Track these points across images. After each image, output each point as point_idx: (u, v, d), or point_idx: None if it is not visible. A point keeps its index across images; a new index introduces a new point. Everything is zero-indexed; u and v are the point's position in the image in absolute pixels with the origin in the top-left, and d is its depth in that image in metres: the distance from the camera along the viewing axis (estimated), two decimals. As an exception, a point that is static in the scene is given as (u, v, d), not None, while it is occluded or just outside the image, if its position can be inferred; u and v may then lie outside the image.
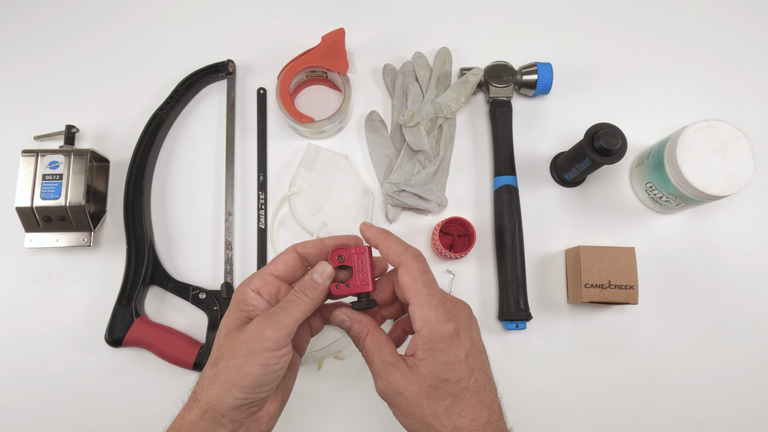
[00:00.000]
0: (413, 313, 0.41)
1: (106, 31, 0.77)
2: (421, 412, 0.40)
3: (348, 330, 0.45)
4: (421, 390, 0.40)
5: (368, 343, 0.44)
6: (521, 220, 0.68)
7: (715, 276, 0.69)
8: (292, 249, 0.45)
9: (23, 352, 0.66)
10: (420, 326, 0.41)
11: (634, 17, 0.78)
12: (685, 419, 0.65)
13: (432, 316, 0.40)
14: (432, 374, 0.40)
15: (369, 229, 0.45)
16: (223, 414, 0.40)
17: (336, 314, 0.45)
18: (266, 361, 0.39)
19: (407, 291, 0.42)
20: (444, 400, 0.40)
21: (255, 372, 0.39)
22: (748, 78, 0.75)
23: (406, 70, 0.72)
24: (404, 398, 0.41)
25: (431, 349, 0.40)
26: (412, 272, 0.42)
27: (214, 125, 0.73)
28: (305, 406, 0.64)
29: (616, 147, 0.60)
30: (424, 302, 0.41)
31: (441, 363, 0.40)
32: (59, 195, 0.64)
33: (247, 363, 0.39)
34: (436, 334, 0.40)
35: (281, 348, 0.40)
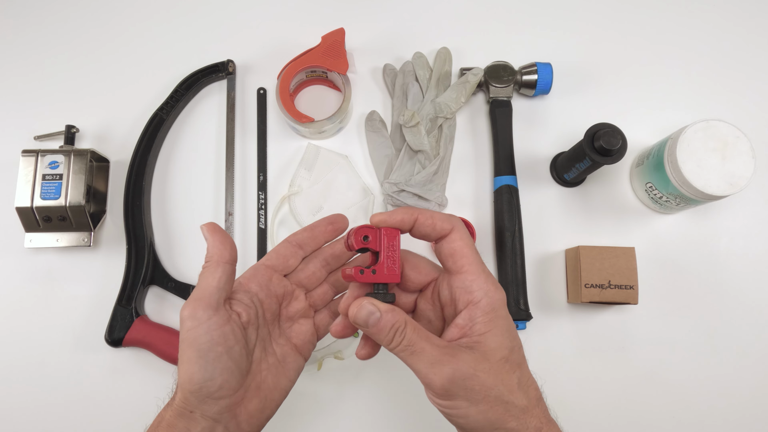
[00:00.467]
0: (470, 282, 0.37)
1: (106, 31, 0.77)
2: (498, 391, 0.36)
3: (376, 324, 0.37)
4: (494, 366, 0.36)
5: (410, 332, 0.37)
6: (521, 220, 0.68)
7: (715, 276, 0.69)
8: (284, 240, 0.45)
9: (23, 352, 0.66)
10: (480, 295, 0.37)
11: (634, 17, 0.78)
12: (685, 419, 0.65)
13: (491, 284, 0.38)
14: (502, 345, 0.37)
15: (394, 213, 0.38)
16: (191, 409, 0.38)
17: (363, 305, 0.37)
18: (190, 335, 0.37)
19: (463, 257, 0.38)
20: (515, 372, 0.37)
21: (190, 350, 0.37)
22: (748, 78, 0.75)
23: (406, 70, 0.72)
24: (478, 380, 0.35)
25: (495, 318, 0.37)
26: (466, 238, 0.38)
27: (214, 125, 0.73)
28: (305, 406, 0.64)
29: (616, 147, 0.60)
30: (481, 270, 0.38)
31: (506, 330, 0.37)
32: (59, 195, 0.64)
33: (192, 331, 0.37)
34: (497, 301, 0.37)
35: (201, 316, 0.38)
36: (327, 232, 0.45)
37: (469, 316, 0.37)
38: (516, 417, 0.36)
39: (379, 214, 0.38)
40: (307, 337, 0.45)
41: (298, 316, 0.46)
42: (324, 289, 0.47)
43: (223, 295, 0.39)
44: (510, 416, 0.36)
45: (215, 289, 0.39)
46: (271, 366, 0.43)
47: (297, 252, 0.45)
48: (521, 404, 0.36)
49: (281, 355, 0.44)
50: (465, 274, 0.38)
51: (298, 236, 0.45)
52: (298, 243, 0.45)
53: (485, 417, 0.36)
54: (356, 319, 0.37)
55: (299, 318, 0.46)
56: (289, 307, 0.45)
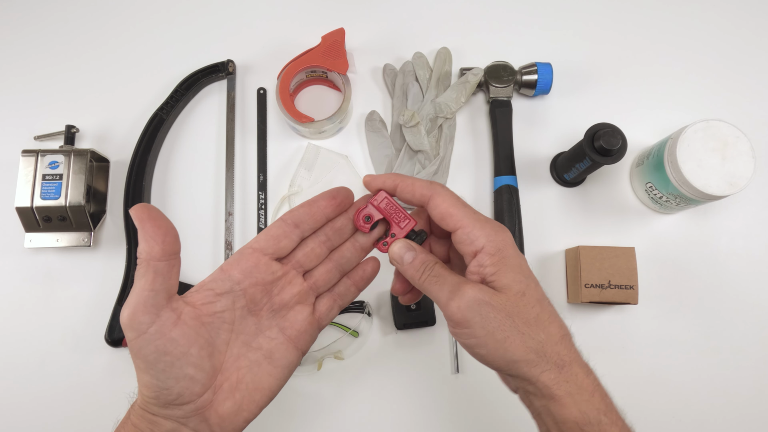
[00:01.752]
0: (467, 234, 0.38)
1: (106, 31, 0.77)
2: (512, 321, 0.36)
3: (411, 262, 0.40)
4: (509, 299, 0.37)
5: (439, 266, 0.40)
6: (521, 220, 0.68)
7: (715, 276, 0.69)
8: (277, 219, 0.40)
9: (23, 352, 0.66)
10: (482, 242, 0.37)
11: (634, 17, 0.78)
12: (685, 419, 0.65)
13: (489, 229, 0.38)
14: (514, 280, 0.37)
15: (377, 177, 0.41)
16: (153, 412, 0.36)
17: (399, 246, 0.41)
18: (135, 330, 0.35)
19: (451, 217, 0.38)
20: (533, 307, 0.37)
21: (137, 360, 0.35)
22: (748, 78, 0.75)
23: (406, 70, 0.72)
24: (492, 308, 0.36)
25: (503, 258, 0.37)
26: (448, 198, 0.39)
27: (214, 125, 0.73)
28: (305, 406, 0.64)
29: (616, 147, 0.60)
30: (475, 220, 0.38)
31: (517, 268, 0.38)
32: (59, 195, 0.64)
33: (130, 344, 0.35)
34: (501, 243, 0.38)
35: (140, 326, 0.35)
36: (328, 208, 0.41)
37: (477, 263, 0.38)
38: (534, 349, 0.36)
39: (368, 176, 0.42)
40: (304, 327, 0.41)
41: (293, 303, 0.41)
42: (327, 268, 0.43)
43: (161, 296, 0.35)
44: (527, 348, 0.36)
45: (149, 291, 0.35)
46: (253, 363, 0.39)
47: (292, 232, 0.40)
48: (539, 337, 0.37)
49: (269, 350, 0.39)
50: (461, 230, 0.38)
51: (294, 213, 0.40)
52: (294, 221, 0.40)
53: (503, 347, 0.36)
54: (395, 255, 0.41)
55: (295, 305, 0.41)
56: (282, 294, 0.41)
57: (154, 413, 0.36)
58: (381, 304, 0.67)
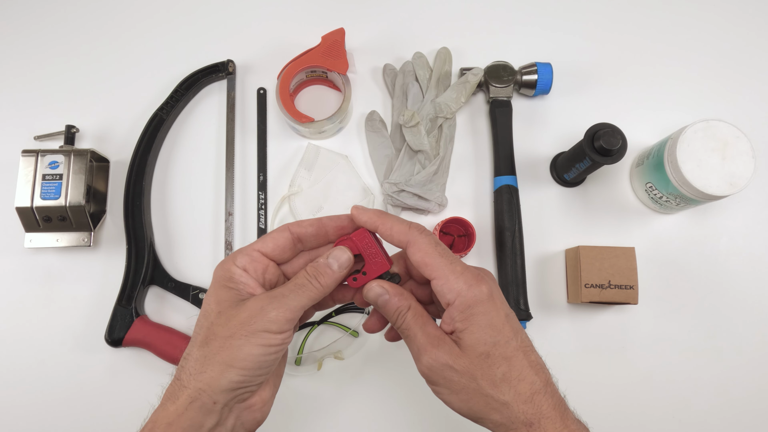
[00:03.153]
0: (439, 287, 0.38)
1: (106, 31, 0.77)
2: (477, 384, 0.37)
3: (385, 305, 0.40)
4: (472, 361, 0.37)
5: (410, 318, 0.40)
6: (521, 220, 0.68)
7: (715, 276, 0.69)
8: (285, 228, 0.41)
9: (23, 352, 0.66)
10: (452, 297, 0.38)
11: (634, 17, 0.78)
12: (685, 419, 0.65)
13: (462, 283, 0.37)
14: (479, 341, 0.37)
15: (363, 213, 0.41)
16: (215, 400, 0.36)
17: (372, 287, 0.41)
18: (268, 342, 0.36)
19: (425, 267, 0.38)
20: (500, 367, 0.37)
21: (256, 352, 0.36)
22: (748, 78, 0.75)
23: (406, 70, 0.72)
24: (455, 372, 0.37)
25: (471, 316, 0.37)
26: (423, 248, 0.39)
27: (214, 125, 0.73)
28: (305, 406, 0.64)
29: (616, 147, 0.60)
30: (448, 272, 0.38)
31: (485, 326, 0.37)
32: (59, 195, 0.64)
33: (247, 343, 0.36)
34: (471, 299, 0.37)
35: (284, 332, 0.37)
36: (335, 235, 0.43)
37: (449, 315, 0.38)
38: (498, 410, 0.37)
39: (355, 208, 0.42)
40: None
41: None
42: None
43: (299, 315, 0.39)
44: (491, 409, 0.37)
45: (303, 308, 0.38)
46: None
47: (295, 246, 0.42)
48: (504, 399, 0.37)
49: None
50: (435, 281, 0.38)
51: (302, 229, 0.41)
52: (299, 236, 0.41)
53: (467, 405, 0.38)
54: (367, 297, 0.41)
55: None
56: None
57: (215, 400, 0.37)
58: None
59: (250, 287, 0.39)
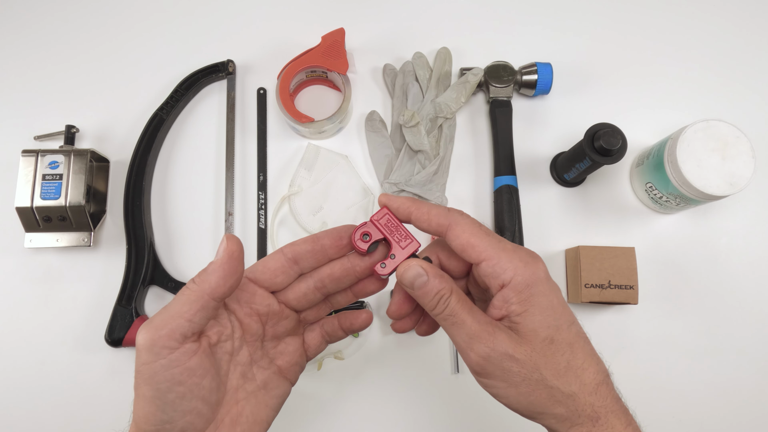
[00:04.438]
0: (490, 269, 0.34)
1: (105, 31, 0.77)
2: (540, 374, 0.33)
3: (423, 287, 0.35)
4: (535, 348, 0.33)
5: (455, 302, 0.35)
6: (521, 220, 0.68)
7: (715, 276, 0.69)
8: (278, 250, 0.38)
9: (23, 352, 0.66)
10: (508, 276, 0.34)
11: (634, 17, 0.78)
12: (685, 419, 0.65)
13: (518, 261, 0.34)
14: (542, 324, 0.33)
15: (393, 200, 0.37)
16: None
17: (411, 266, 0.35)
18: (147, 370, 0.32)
19: (472, 250, 0.35)
20: (564, 354, 0.34)
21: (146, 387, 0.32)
22: (748, 78, 0.75)
23: (406, 70, 0.72)
24: (516, 362, 0.33)
25: (531, 296, 0.34)
26: (468, 228, 0.35)
27: (214, 125, 0.73)
28: (305, 406, 0.64)
29: (616, 147, 0.60)
30: (499, 250, 0.34)
31: (546, 308, 0.34)
32: (59, 195, 0.64)
33: (136, 380, 0.32)
34: (530, 278, 0.34)
35: (161, 350, 0.32)
36: (332, 249, 0.38)
37: (503, 298, 0.35)
38: (563, 403, 0.33)
39: (384, 195, 0.38)
40: (294, 359, 0.40)
41: (285, 335, 0.40)
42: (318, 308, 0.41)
43: (193, 330, 0.33)
44: (555, 402, 0.33)
45: (187, 322, 0.32)
46: (250, 394, 0.37)
47: (291, 268, 0.38)
48: (569, 390, 0.33)
49: (262, 381, 0.38)
50: (485, 262, 0.35)
51: (296, 248, 0.37)
52: (294, 257, 0.37)
53: (527, 400, 0.34)
54: (403, 279, 0.36)
55: (286, 336, 0.40)
56: (278, 326, 0.39)
57: None
58: (381, 304, 0.67)
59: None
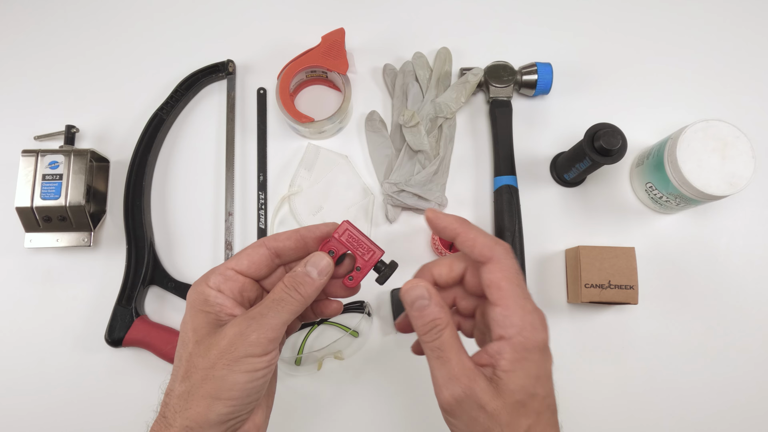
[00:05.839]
0: (503, 318, 0.35)
1: (105, 30, 0.77)
2: (500, 430, 0.34)
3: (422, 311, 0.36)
4: (506, 406, 0.34)
5: (447, 336, 0.35)
6: (521, 220, 0.68)
7: (715, 276, 0.69)
8: (260, 243, 0.39)
9: (23, 352, 0.66)
10: (512, 333, 0.35)
11: (634, 17, 0.78)
12: (685, 419, 0.65)
13: (528, 323, 0.35)
14: (522, 389, 0.34)
15: (443, 218, 0.37)
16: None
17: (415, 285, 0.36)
18: (253, 368, 0.35)
19: (498, 291, 0.35)
20: (528, 419, 0.35)
21: (242, 380, 0.34)
22: (748, 78, 0.75)
23: (406, 70, 0.72)
24: (483, 413, 0.34)
25: (523, 360, 0.35)
26: (506, 270, 0.35)
27: (214, 125, 0.73)
28: (305, 406, 0.64)
29: (616, 147, 0.60)
30: (518, 306, 0.35)
31: (532, 376, 0.35)
32: (59, 195, 0.64)
33: (231, 372, 0.34)
34: (531, 344, 0.35)
35: (269, 353, 0.35)
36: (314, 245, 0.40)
37: (497, 349, 0.35)
38: None
39: (431, 211, 0.38)
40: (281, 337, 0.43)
41: None
42: None
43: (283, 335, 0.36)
44: None
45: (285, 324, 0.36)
46: None
47: (273, 261, 0.40)
48: None
49: None
50: (500, 308, 0.35)
51: (279, 243, 0.39)
52: (277, 251, 0.39)
53: None
54: (405, 297, 0.37)
55: None
56: None
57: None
58: (381, 304, 0.67)
59: (227, 308, 0.37)
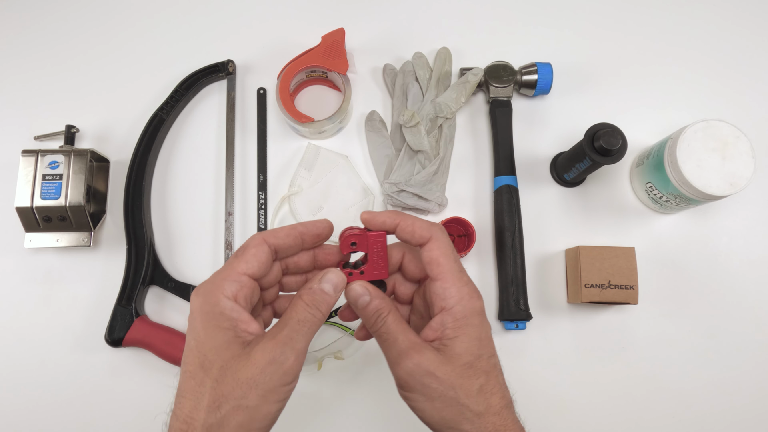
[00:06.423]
0: (443, 290, 0.39)
1: (106, 30, 0.77)
2: (455, 393, 0.37)
3: (365, 306, 0.40)
4: (455, 369, 0.37)
5: (390, 321, 0.39)
6: (521, 220, 0.68)
7: (715, 276, 0.69)
8: (262, 241, 0.39)
9: (23, 352, 0.66)
10: (453, 303, 0.38)
11: (634, 17, 0.78)
12: (685, 419, 0.65)
13: (465, 293, 0.39)
14: (467, 351, 0.38)
15: (377, 216, 0.41)
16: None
17: (354, 287, 0.40)
18: (286, 396, 0.36)
19: (438, 267, 0.39)
20: (478, 378, 0.38)
21: (275, 410, 0.36)
22: (748, 78, 0.75)
23: (406, 70, 0.72)
24: (436, 379, 0.37)
25: (465, 326, 0.38)
26: (443, 247, 0.39)
27: (214, 125, 0.73)
28: (305, 406, 0.64)
29: (616, 147, 0.60)
30: (456, 278, 0.39)
31: (474, 339, 0.38)
32: (59, 195, 0.64)
33: (265, 403, 0.35)
34: (469, 310, 0.39)
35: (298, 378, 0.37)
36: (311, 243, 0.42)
37: (441, 321, 0.39)
38: (470, 420, 0.37)
39: (367, 213, 0.41)
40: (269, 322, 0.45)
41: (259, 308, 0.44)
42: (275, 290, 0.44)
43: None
44: (464, 419, 0.38)
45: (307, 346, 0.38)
46: None
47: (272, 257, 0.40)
48: (477, 409, 0.37)
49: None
50: (440, 282, 0.39)
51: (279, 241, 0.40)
52: (276, 248, 0.40)
53: (440, 414, 0.38)
54: (348, 297, 0.41)
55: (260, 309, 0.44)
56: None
57: None
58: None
59: (244, 323, 0.36)
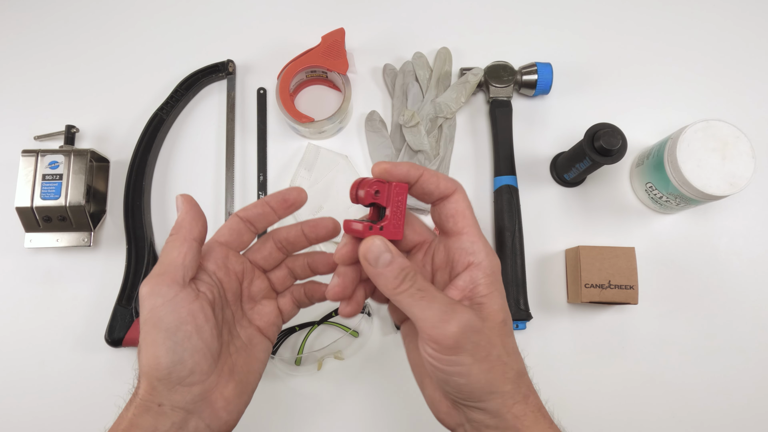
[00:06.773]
0: (471, 244, 0.36)
1: (106, 30, 0.77)
2: (500, 351, 0.35)
3: (388, 265, 0.34)
4: (494, 327, 0.35)
5: (420, 279, 0.35)
6: (521, 220, 0.68)
7: (715, 276, 0.69)
8: (233, 215, 0.41)
9: (23, 352, 0.66)
10: (482, 257, 0.36)
11: (634, 17, 0.78)
12: (685, 419, 0.65)
13: (490, 249, 0.37)
14: (502, 308, 0.36)
15: (399, 165, 0.36)
16: (159, 402, 0.34)
17: (376, 243, 0.34)
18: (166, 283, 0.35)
19: (464, 219, 0.37)
20: (510, 337, 0.36)
21: (159, 303, 0.35)
22: (748, 78, 0.75)
23: (406, 70, 0.72)
24: (485, 336, 0.34)
25: (495, 282, 0.36)
26: (467, 201, 0.37)
27: (214, 125, 0.73)
28: (305, 406, 0.64)
29: (616, 147, 0.60)
30: (480, 234, 0.37)
31: (504, 297, 0.37)
32: (59, 195, 0.64)
33: (151, 295, 0.35)
34: (496, 266, 0.37)
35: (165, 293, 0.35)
36: (280, 210, 0.41)
37: (470, 278, 0.36)
38: (512, 381, 0.36)
39: (383, 163, 0.36)
40: (272, 319, 0.43)
41: (260, 297, 0.43)
42: (283, 273, 0.44)
43: (189, 273, 0.36)
44: (506, 379, 0.35)
45: (180, 265, 0.36)
46: (240, 349, 0.40)
47: (249, 228, 0.41)
48: (517, 368, 0.36)
49: (247, 338, 0.41)
50: (466, 236, 0.37)
51: (248, 212, 0.41)
52: (248, 219, 0.41)
53: (486, 377, 0.34)
54: (367, 255, 0.34)
55: (262, 299, 0.43)
56: (252, 286, 0.42)
57: (160, 403, 0.35)
58: (381, 304, 0.67)
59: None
